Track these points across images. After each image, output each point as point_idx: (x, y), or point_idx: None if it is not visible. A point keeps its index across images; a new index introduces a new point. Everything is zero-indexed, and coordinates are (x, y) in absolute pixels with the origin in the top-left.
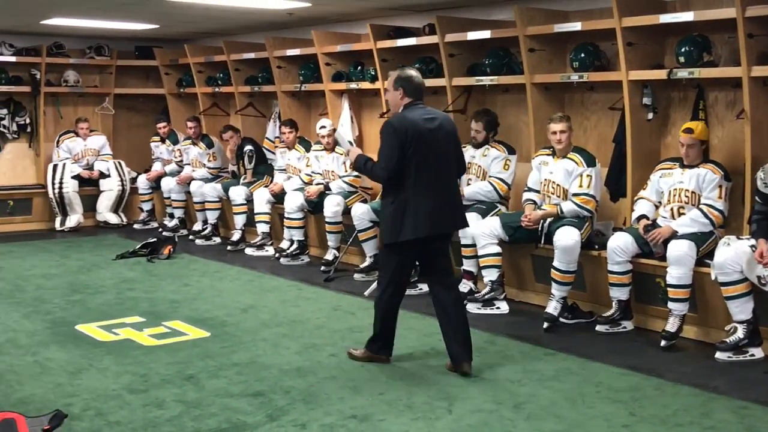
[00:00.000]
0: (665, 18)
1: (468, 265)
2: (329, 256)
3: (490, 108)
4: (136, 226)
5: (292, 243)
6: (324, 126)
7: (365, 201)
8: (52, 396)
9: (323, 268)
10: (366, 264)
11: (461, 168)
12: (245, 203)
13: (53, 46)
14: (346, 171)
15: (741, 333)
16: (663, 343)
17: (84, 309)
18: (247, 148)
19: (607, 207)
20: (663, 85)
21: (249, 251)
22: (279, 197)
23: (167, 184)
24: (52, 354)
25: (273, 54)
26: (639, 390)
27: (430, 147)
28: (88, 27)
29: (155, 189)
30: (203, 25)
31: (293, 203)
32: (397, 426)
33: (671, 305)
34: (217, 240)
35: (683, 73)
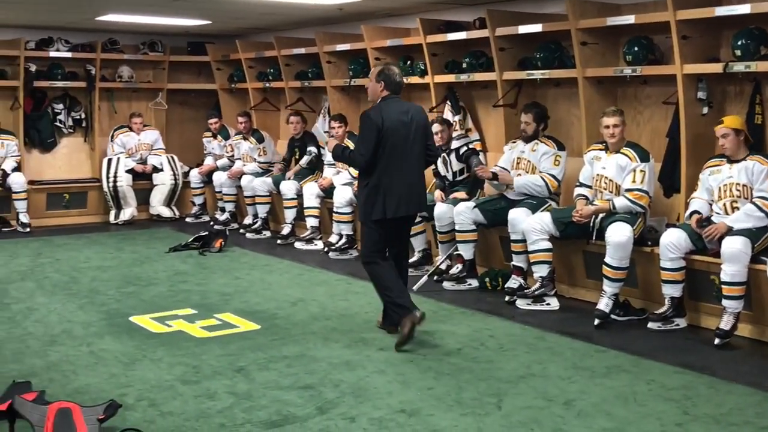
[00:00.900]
0: (721, 11)
1: (518, 261)
2: None
3: (540, 102)
4: (188, 219)
5: (341, 237)
6: None
7: None
8: (106, 386)
9: None
10: (414, 259)
11: (432, 156)
12: (295, 198)
13: (108, 42)
14: None
15: None
16: (717, 341)
17: (138, 301)
18: (311, 149)
19: (661, 203)
20: (718, 79)
21: (298, 245)
22: (328, 192)
23: (218, 178)
24: (106, 345)
25: (323, 49)
26: (692, 388)
27: (401, 137)
28: (141, 23)
29: (207, 183)
30: (254, 21)
31: (342, 198)
32: (446, 421)
33: (725, 303)
34: (267, 234)
35: (739, 67)
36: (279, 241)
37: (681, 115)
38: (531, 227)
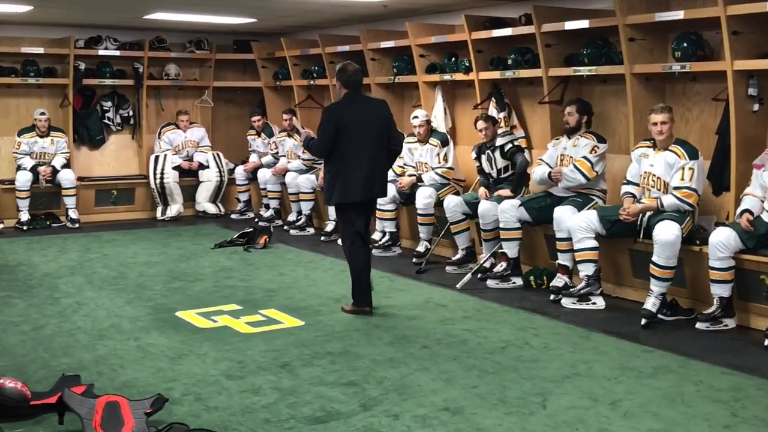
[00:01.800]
0: None
1: (563, 259)
2: (421, 248)
3: (587, 99)
4: (233, 216)
5: (384, 234)
6: (416, 116)
7: (458, 193)
8: (153, 380)
9: (415, 260)
10: (458, 256)
11: (395, 145)
12: None
13: (155, 40)
14: (439, 163)
15: None
16: (766, 342)
17: (184, 296)
18: None
19: (710, 201)
20: None
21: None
22: None
23: (263, 175)
24: (153, 339)
25: (367, 46)
26: (741, 390)
27: (360, 129)
28: (188, 21)
29: (252, 180)
30: (299, 19)
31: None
32: (490, 420)
33: None
34: (311, 230)
35: None
36: (323, 238)
37: (731, 112)
38: (577, 225)
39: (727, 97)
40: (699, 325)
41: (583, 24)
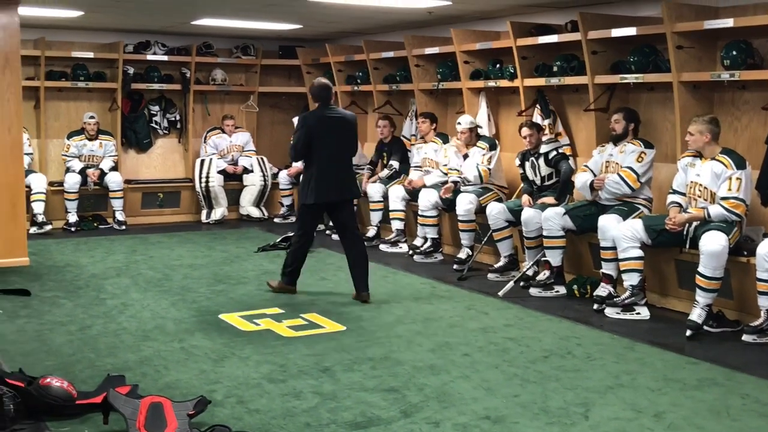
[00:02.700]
0: None
1: (607, 269)
2: (462, 254)
3: (633, 107)
4: (276, 220)
5: (425, 240)
6: (460, 123)
7: (500, 200)
8: (196, 382)
9: (456, 266)
10: (500, 264)
11: (353, 150)
12: (381, 200)
13: (202, 45)
14: (483, 162)
15: None
16: None
17: (227, 299)
18: (393, 163)
19: (758, 211)
20: None
21: (383, 247)
22: (413, 194)
23: None
24: (197, 341)
25: (412, 53)
26: None
27: (331, 136)
28: (235, 27)
29: (295, 185)
30: (344, 25)
31: (427, 201)
32: (532, 429)
33: None
34: None
35: None
36: (364, 243)
37: None
38: (622, 234)
39: None
40: (745, 338)
41: (631, 31)
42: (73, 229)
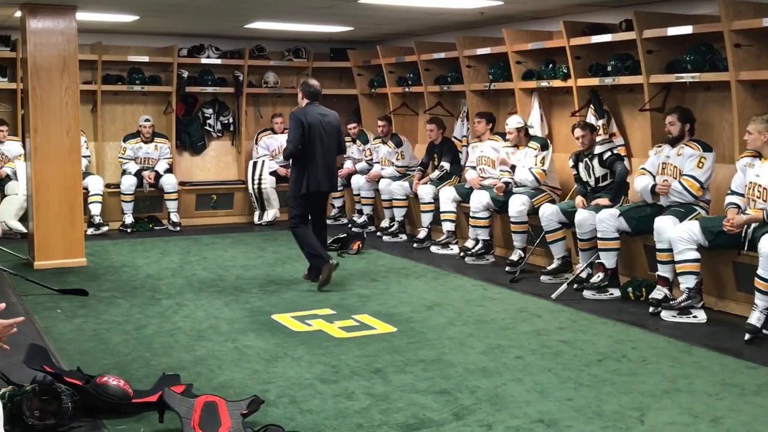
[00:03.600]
0: None
1: (663, 271)
2: (515, 256)
3: (689, 107)
4: (327, 221)
5: (477, 242)
6: (507, 124)
7: (553, 201)
8: (249, 382)
9: (508, 268)
10: (554, 266)
11: (342, 151)
12: (432, 202)
13: (255, 49)
14: (536, 164)
15: None
16: None
17: (279, 299)
18: (444, 164)
19: None
20: None
21: (434, 249)
22: (465, 195)
23: (357, 181)
24: (250, 341)
25: (463, 53)
26: None
27: (319, 133)
28: (286, 30)
29: (346, 186)
30: (395, 27)
31: (479, 202)
32: None
33: None
34: (404, 237)
35: None
36: (415, 245)
37: None
38: (678, 236)
39: None
40: None
41: (687, 30)
42: (129, 231)
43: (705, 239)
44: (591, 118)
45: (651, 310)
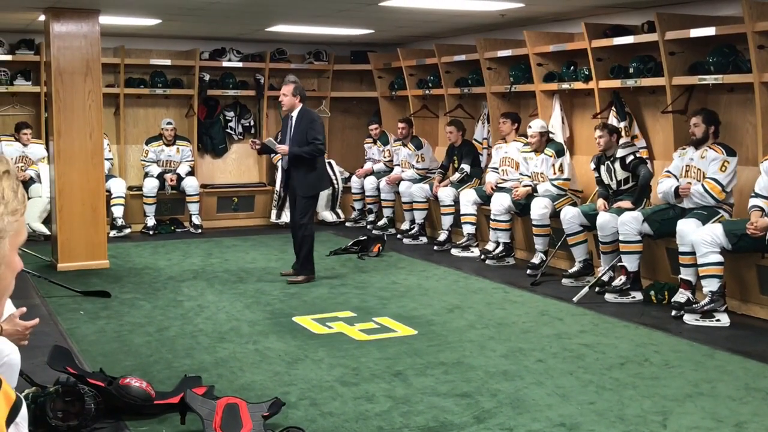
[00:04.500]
0: None
1: (686, 274)
2: (536, 259)
3: (713, 109)
4: (347, 224)
5: (497, 245)
6: (530, 127)
7: (575, 204)
8: (270, 384)
9: (529, 271)
10: (575, 269)
11: None
12: (453, 204)
13: (276, 52)
14: (555, 174)
15: None
16: None
17: (300, 302)
18: (464, 166)
19: None
20: None
21: (455, 252)
22: (486, 198)
23: (369, 182)
24: (271, 343)
25: (484, 55)
26: None
27: None
28: (307, 33)
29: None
30: (416, 29)
31: (500, 205)
32: None
33: None
34: (424, 239)
35: None
36: (435, 247)
37: None
38: (701, 239)
39: None
40: None
41: (710, 31)
42: (151, 233)
43: (728, 242)
44: (613, 120)
45: (673, 313)
